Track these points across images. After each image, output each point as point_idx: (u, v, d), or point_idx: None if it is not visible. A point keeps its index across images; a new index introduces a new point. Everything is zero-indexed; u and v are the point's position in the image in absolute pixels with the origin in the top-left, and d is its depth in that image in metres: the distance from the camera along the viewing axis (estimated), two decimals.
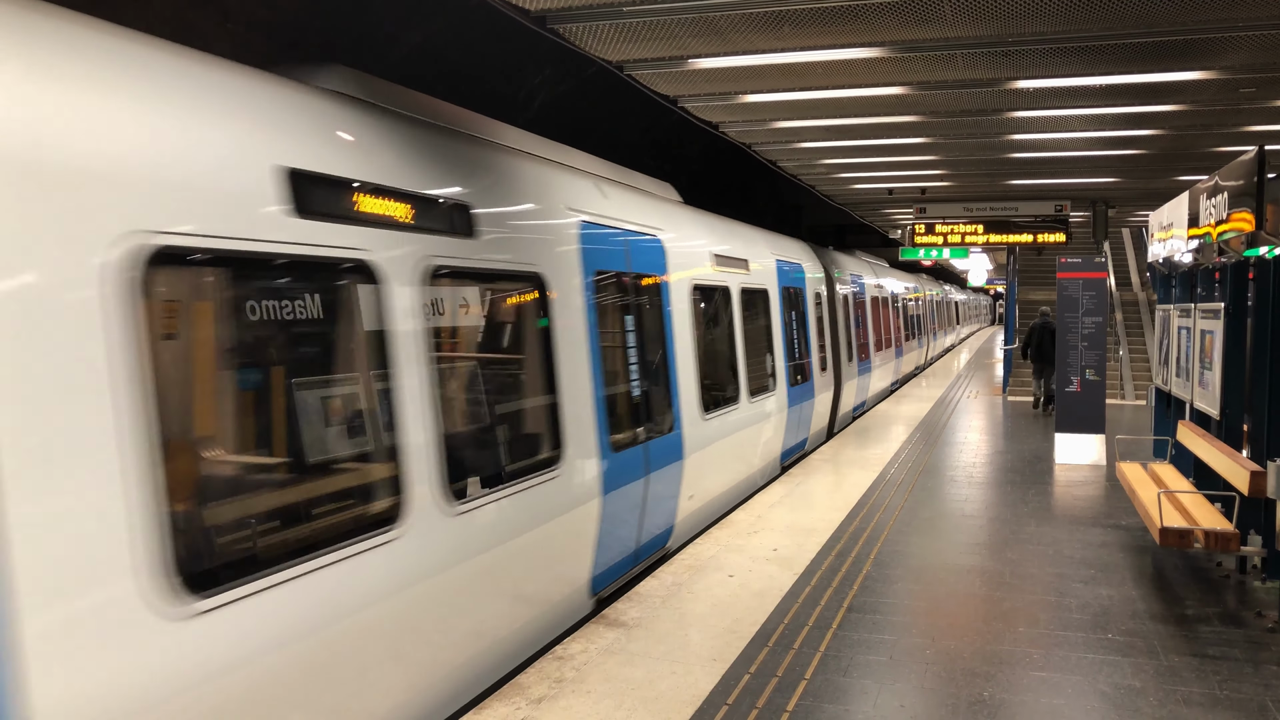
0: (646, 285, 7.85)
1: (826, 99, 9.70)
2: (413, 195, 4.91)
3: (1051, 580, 7.11)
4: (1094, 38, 7.39)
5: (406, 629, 4.53)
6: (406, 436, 4.62)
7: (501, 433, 5.71)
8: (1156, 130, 11.23)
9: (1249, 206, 6.92)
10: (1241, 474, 6.47)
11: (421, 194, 4.99)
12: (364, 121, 4.83)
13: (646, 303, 7.81)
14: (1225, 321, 7.78)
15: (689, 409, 8.39)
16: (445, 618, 4.85)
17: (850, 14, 6.84)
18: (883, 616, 6.31)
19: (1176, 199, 9.90)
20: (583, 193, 7.08)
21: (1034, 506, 9.55)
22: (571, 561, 6.27)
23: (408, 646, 4.55)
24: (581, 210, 6.85)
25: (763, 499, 9.68)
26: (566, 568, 6.21)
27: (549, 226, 6.33)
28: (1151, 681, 5.28)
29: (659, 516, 7.74)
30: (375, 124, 4.91)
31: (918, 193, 17.69)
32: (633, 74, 8.73)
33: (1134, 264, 26.88)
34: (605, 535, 6.72)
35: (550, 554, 5.96)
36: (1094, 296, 12.17)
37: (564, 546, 6.14)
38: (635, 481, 7.16)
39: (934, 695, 5.10)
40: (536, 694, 5.04)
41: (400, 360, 4.65)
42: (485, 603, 5.23)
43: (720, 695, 5.04)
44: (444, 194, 5.21)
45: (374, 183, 4.61)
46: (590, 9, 6.80)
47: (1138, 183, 15.86)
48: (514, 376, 5.95)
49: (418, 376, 4.75)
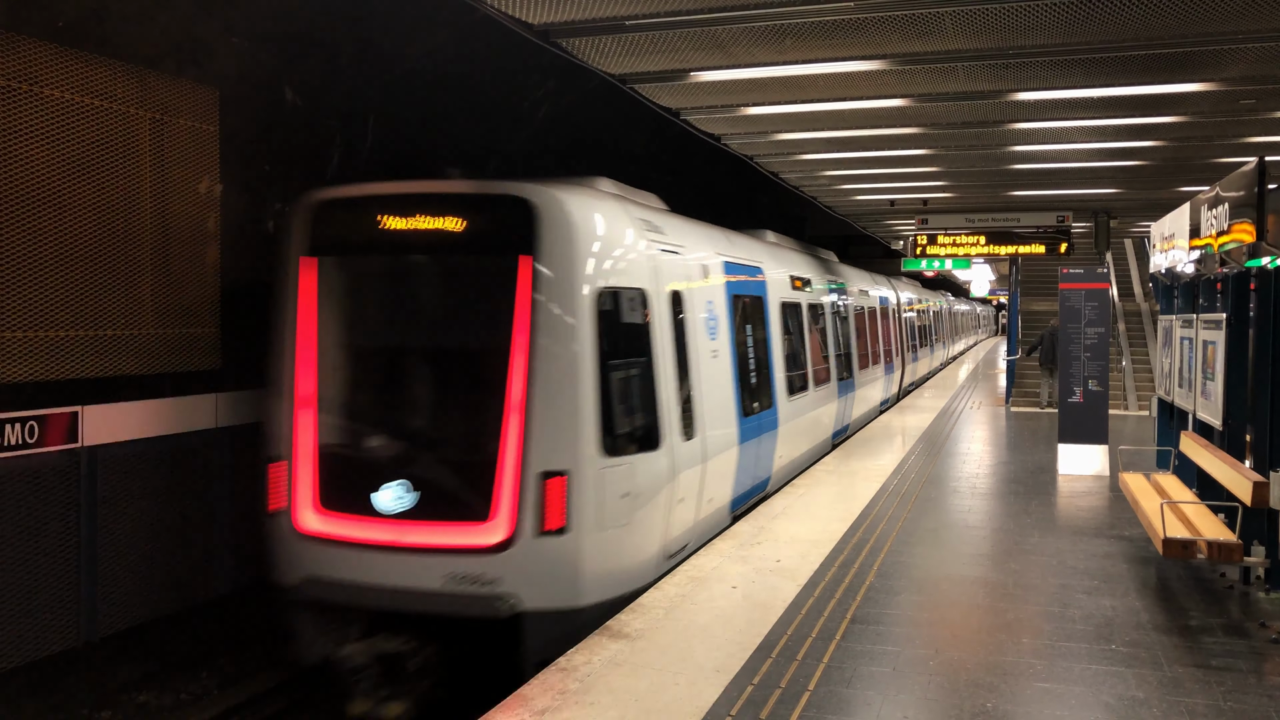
0: (759, 302, 10.72)
1: (828, 111, 9.75)
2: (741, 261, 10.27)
3: (1055, 591, 7.10)
4: (1094, 50, 7.43)
5: (762, 450, 10.13)
6: (775, 371, 10.76)
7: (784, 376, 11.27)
8: (1157, 141, 11.26)
9: (1250, 217, 6.93)
10: (1244, 484, 6.47)
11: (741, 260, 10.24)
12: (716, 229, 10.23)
13: (757, 314, 10.60)
14: (1227, 332, 7.79)
15: (780, 392, 11.03)
16: (763, 452, 10.20)
17: (852, 27, 6.88)
18: (886, 628, 6.31)
19: (1178, 210, 9.92)
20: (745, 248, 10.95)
21: (1037, 517, 9.54)
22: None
23: (757, 459, 9.96)
24: (725, 255, 9.85)
25: (766, 510, 9.69)
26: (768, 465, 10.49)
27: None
28: (1155, 693, 5.28)
29: (756, 472, 10.00)
30: (712, 229, 10.07)
31: (920, 204, 17.72)
32: (635, 87, 8.78)
33: (1136, 274, 26.88)
34: (741, 472, 9.52)
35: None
36: (1096, 307, 12.17)
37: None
38: (749, 444, 9.68)
39: (937, 706, 5.10)
40: (540, 705, 5.04)
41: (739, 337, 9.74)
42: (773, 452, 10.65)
43: (724, 707, 5.04)
44: (750, 259, 10.63)
45: (734, 258, 9.97)
46: (593, 23, 6.85)
47: (1139, 194, 15.89)
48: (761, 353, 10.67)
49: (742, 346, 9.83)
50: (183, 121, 8.11)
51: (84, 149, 7.37)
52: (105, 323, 7.69)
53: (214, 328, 8.80)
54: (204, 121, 8.35)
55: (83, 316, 7.54)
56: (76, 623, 7.58)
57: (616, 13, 6.64)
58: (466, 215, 6.90)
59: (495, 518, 6.49)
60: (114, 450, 7.86)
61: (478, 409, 6.79)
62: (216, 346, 8.83)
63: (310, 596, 6.76)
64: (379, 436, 6.99)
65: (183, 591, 8.71)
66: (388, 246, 7.05)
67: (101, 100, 7.44)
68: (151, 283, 7.98)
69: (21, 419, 6.99)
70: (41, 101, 7.05)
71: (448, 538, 6.55)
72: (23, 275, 7.09)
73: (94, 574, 7.74)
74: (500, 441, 6.52)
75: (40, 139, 7.09)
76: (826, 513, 9.59)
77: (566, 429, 6.53)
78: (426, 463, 6.75)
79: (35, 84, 6.98)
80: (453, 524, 6.57)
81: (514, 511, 6.47)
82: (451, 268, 7.07)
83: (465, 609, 6.52)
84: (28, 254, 7.12)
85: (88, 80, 7.32)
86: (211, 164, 8.47)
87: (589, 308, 6.72)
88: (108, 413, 7.73)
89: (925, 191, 16.36)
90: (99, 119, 7.45)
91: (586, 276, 6.75)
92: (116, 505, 7.95)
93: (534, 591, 6.47)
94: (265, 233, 9.32)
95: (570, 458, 6.51)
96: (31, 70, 6.95)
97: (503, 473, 6.50)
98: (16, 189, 6.97)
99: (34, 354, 7.17)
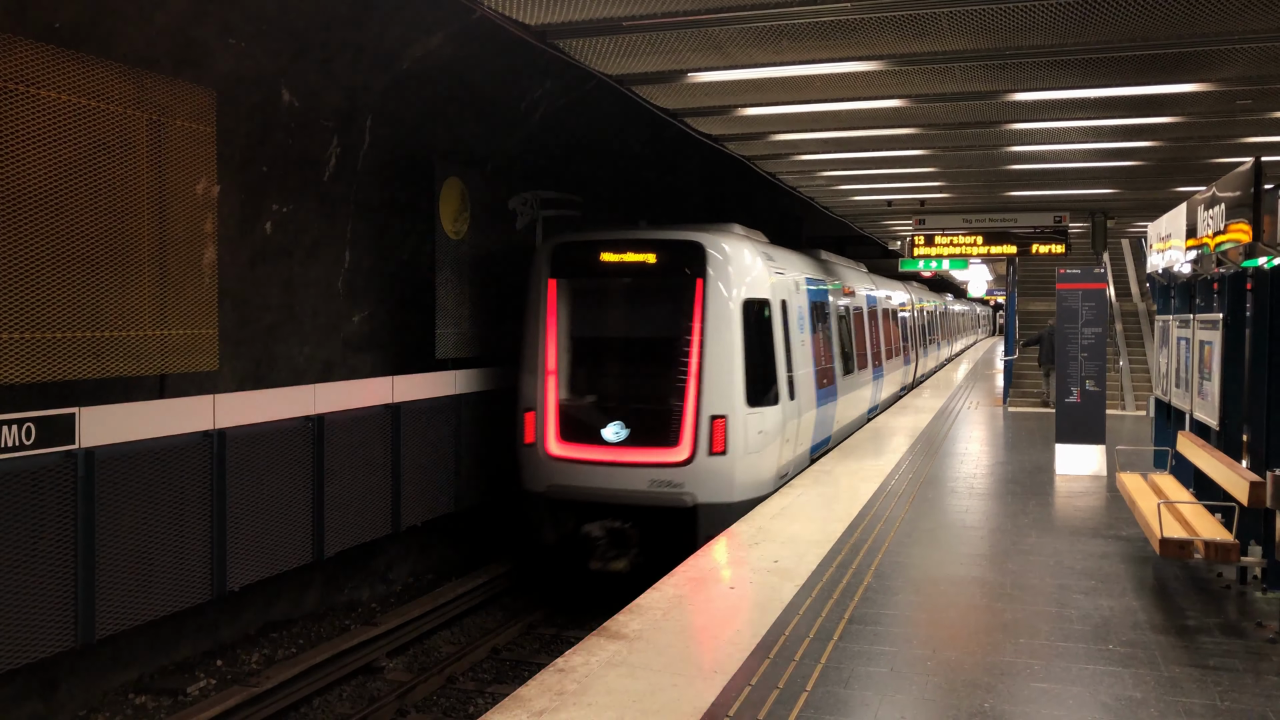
0: (823, 307, 14.09)
1: (825, 112, 9.75)
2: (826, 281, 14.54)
3: (1052, 591, 7.11)
4: (1091, 50, 7.44)
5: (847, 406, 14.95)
6: (835, 359, 14.14)
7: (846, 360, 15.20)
8: (1154, 142, 11.28)
9: (1246, 218, 6.94)
10: (1241, 484, 6.48)
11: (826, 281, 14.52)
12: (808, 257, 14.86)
13: (823, 316, 13.95)
14: (1224, 332, 7.80)
15: (838, 375, 14.38)
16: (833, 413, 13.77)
17: (848, 28, 6.89)
18: (884, 628, 6.31)
19: (1174, 210, 9.92)
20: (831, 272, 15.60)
21: (1034, 517, 9.55)
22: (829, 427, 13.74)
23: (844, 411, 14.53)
24: (810, 279, 13.68)
25: (764, 510, 9.69)
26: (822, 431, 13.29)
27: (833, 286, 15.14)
28: (1153, 693, 5.28)
29: (825, 429, 13.46)
30: (806, 256, 14.75)
31: (917, 204, 17.73)
32: (633, 88, 8.78)
33: (1133, 274, 26.91)
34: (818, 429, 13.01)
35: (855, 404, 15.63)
36: (1094, 307, 12.18)
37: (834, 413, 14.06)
38: (826, 405, 13.30)
39: (935, 707, 5.11)
40: (538, 707, 5.04)
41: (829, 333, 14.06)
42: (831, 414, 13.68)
43: (722, 707, 5.04)
44: (817, 275, 13.96)
45: (810, 275, 13.44)
46: (590, 24, 6.86)
47: (1136, 194, 15.91)
48: (847, 342, 15.20)
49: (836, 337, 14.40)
50: (180, 122, 8.11)
51: (81, 150, 7.37)
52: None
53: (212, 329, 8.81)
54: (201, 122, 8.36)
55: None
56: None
57: (613, 13, 6.64)
58: (659, 252, 10.66)
59: (681, 444, 10.23)
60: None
61: (669, 375, 10.43)
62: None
63: (554, 497, 10.56)
64: (600, 394, 10.80)
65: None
66: (605, 272, 10.81)
67: (99, 102, 7.43)
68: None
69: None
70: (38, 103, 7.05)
71: (650, 457, 10.28)
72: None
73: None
74: (685, 396, 10.28)
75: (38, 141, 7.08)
76: (825, 513, 9.60)
77: (726, 388, 10.25)
78: (636, 410, 10.49)
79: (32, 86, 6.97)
80: (654, 448, 10.28)
81: (693, 440, 10.19)
82: (650, 285, 10.82)
83: (662, 502, 10.18)
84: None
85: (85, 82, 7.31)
86: (209, 165, 8.48)
87: (738, 311, 10.43)
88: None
89: (923, 192, 16.37)
90: (96, 120, 7.45)
91: (736, 291, 10.49)
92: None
93: (705, 491, 10.12)
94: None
95: (728, 406, 10.23)
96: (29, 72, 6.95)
97: (686, 415, 10.24)
98: (13, 191, 6.96)
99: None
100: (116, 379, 7.76)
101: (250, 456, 8.60)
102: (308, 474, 9.26)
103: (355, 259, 10.60)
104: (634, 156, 15.52)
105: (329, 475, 9.51)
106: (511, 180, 12.91)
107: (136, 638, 8.34)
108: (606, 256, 10.75)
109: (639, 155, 15.60)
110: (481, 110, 11.57)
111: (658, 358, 10.54)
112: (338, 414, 9.62)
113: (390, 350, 11.28)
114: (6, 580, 6.68)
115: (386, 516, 10.50)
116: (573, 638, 9.99)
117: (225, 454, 8.30)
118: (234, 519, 8.41)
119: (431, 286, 11.28)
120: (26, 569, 6.81)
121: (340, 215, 10.30)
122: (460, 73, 10.64)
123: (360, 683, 8.90)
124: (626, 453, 10.31)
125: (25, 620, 6.80)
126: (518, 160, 12.99)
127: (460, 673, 9.12)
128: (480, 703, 8.55)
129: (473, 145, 11.98)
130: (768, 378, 10.77)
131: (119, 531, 7.43)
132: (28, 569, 6.82)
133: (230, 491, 8.36)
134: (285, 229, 9.61)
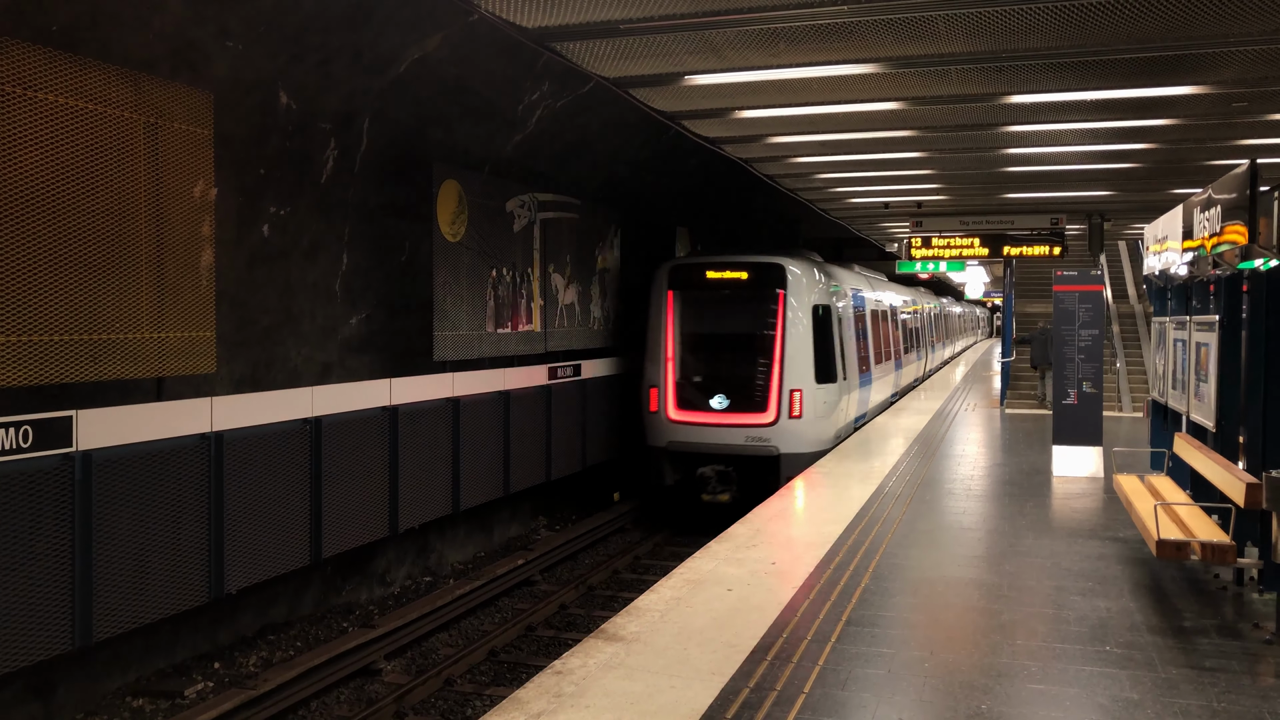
0: (861, 310, 18.01)
1: (822, 114, 9.76)
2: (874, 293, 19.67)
3: (1049, 593, 7.12)
4: (1087, 53, 7.45)
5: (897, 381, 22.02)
6: (869, 351, 18.37)
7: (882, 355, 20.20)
8: (1151, 144, 11.30)
9: (1242, 220, 6.97)
10: (1237, 486, 6.49)
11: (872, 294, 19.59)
12: (862, 273, 20.39)
13: (861, 318, 17.71)
14: (1220, 334, 7.81)
15: (871, 364, 18.29)
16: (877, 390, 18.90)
17: (845, 31, 6.90)
18: (881, 630, 6.32)
19: (1171, 212, 9.95)
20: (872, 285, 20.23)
21: (1032, 519, 9.56)
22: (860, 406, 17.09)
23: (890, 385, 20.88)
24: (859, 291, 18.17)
25: (761, 512, 9.70)
26: (855, 409, 16.52)
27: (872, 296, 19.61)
28: (1149, 694, 5.29)
29: (864, 405, 17.30)
30: (859, 272, 20.19)
31: (914, 207, 17.76)
32: (631, 91, 8.80)
33: (1130, 276, 26.94)
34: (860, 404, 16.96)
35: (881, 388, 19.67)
36: (1091, 309, 12.19)
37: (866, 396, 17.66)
38: (865, 387, 17.36)
39: (932, 709, 5.11)
40: (535, 709, 5.04)
41: (879, 331, 19.55)
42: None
43: (719, 710, 5.05)
44: (856, 285, 18.28)
45: (853, 286, 17.67)
46: (587, 27, 6.87)
47: (1132, 196, 15.94)
48: (882, 341, 20.24)
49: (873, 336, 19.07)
50: (177, 125, 8.11)
51: (78, 153, 7.37)
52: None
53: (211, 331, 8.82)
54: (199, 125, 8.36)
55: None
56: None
57: (610, 16, 6.65)
58: (750, 271, 14.52)
59: (769, 410, 14.00)
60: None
61: (760, 360, 14.26)
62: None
63: (673, 450, 14.38)
64: (706, 375, 14.49)
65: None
66: (710, 285, 14.71)
67: (96, 105, 7.43)
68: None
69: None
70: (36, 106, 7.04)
71: (746, 420, 14.05)
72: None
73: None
74: (770, 375, 14.08)
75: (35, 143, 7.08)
76: (822, 515, 9.60)
77: (801, 369, 14.11)
78: (735, 386, 14.24)
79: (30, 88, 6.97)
80: (748, 414, 14.05)
81: (778, 407, 13.97)
82: (744, 295, 14.57)
83: (755, 452, 13.97)
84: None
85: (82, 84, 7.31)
86: (207, 168, 8.48)
87: (808, 314, 14.32)
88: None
89: (920, 194, 16.40)
90: (93, 123, 7.44)
91: (806, 299, 14.39)
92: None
93: (786, 444, 13.91)
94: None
95: (803, 383, 14.07)
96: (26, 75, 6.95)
97: (772, 389, 14.03)
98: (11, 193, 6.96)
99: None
100: (114, 381, 7.76)
101: (248, 458, 8.60)
102: (305, 476, 9.26)
103: (353, 261, 10.60)
104: (631, 159, 15.54)
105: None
106: (509, 182, 12.91)
107: (134, 640, 8.34)
108: (711, 274, 14.68)
109: (636, 158, 15.62)
110: (479, 112, 11.58)
111: (750, 347, 14.36)
112: (334, 416, 9.64)
113: (388, 352, 11.28)
114: (4, 583, 6.67)
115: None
116: (571, 640, 9.99)
117: (223, 456, 8.30)
118: (231, 521, 8.41)
119: (430, 288, 11.30)
120: (24, 571, 6.80)
121: (338, 217, 10.30)
122: (458, 75, 10.65)
123: (358, 685, 8.89)
124: (728, 417, 14.14)
125: (23, 623, 6.80)
126: (515, 162, 13.00)
127: (458, 675, 9.12)
128: (478, 705, 8.56)
129: (470, 147, 11.99)
130: (828, 363, 14.54)
131: (116, 534, 7.43)
132: (25, 571, 6.81)
133: (228, 494, 8.36)
134: (283, 231, 9.61)
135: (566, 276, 14.47)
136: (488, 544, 13.50)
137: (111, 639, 7.65)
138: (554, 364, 14.11)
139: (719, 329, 14.64)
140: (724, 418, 14.09)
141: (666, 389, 14.39)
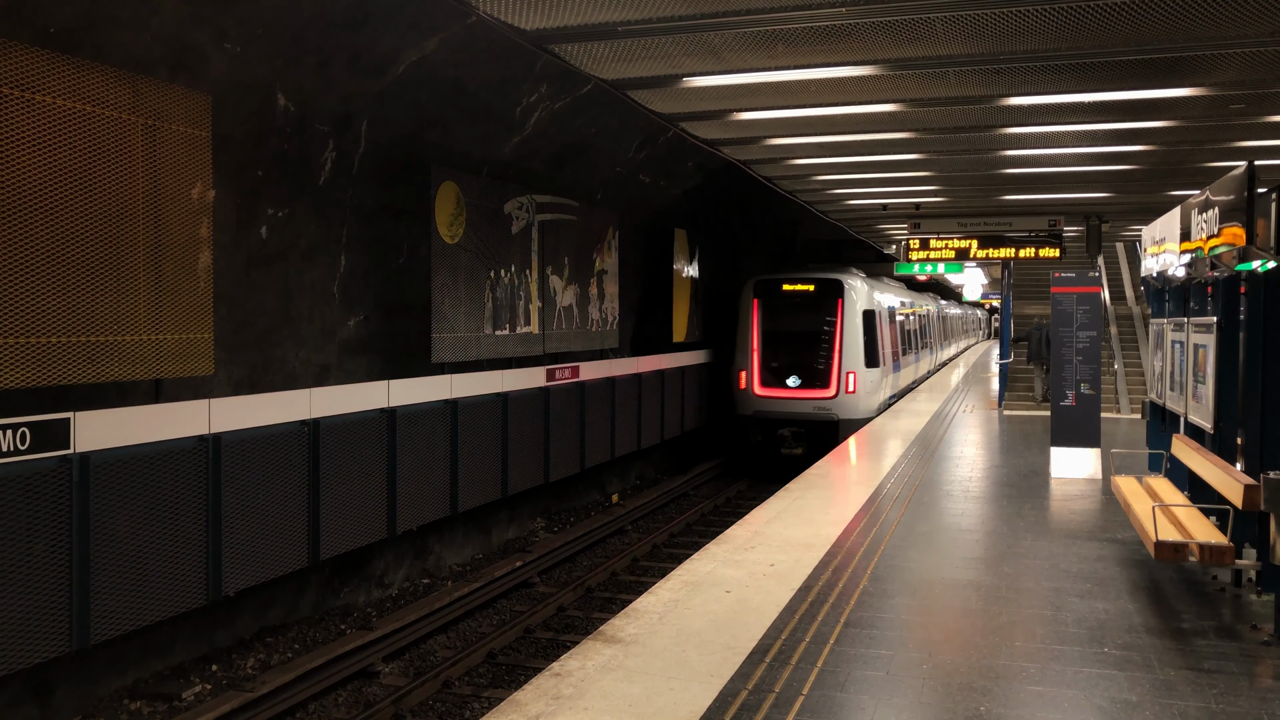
0: (894, 313, 22.73)
1: (820, 116, 9.77)
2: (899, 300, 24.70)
3: (1048, 594, 7.12)
4: (1085, 55, 7.47)
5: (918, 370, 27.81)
6: (899, 346, 23.61)
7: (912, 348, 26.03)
8: (1148, 146, 11.31)
9: (1240, 221, 6.96)
10: (1235, 487, 6.50)
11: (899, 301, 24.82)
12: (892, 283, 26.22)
13: (892, 320, 22.37)
14: (1218, 335, 7.82)
15: (901, 357, 23.07)
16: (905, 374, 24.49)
17: (843, 33, 6.91)
18: (880, 631, 6.32)
19: (1168, 214, 9.94)
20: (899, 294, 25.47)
21: (1030, 521, 9.56)
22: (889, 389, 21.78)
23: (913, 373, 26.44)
24: (890, 300, 23.30)
25: (759, 514, 9.70)
26: (886, 391, 21.18)
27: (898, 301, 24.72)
28: (1148, 695, 5.29)
29: (894, 388, 21.89)
30: (889, 283, 25.61)
31: (912, 208, 17.77)
32: (629, 93, 8.80)
33: (1128, 278, 26.97)
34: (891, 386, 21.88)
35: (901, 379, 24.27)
36: (1088, 311, 12.19)
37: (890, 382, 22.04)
38: (895, 373, 22.28)
39: (931, 710, 5.11)
40: (534, 711, 5.04)
41: (903, 331, 24.59)
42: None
43: (717, 712, 5.04)
44: (886, 293, 23.20)
45: (885, 293, 22.77)
46: (585, 29, 6.87)
47: (1130, 197, 15.96)
48: (911, 340, 26.31)
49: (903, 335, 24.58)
50: (175, 127, 8.11)
51: (77, 154, 7.37)
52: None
53: (208, 333, 8.81)
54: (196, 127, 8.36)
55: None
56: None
57: (608, 18, 6.65)
58: (816, 284, 19.32)
59: (831, 387, 18.76)
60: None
61: (824, 350, 18.93)
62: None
63: (758, 418, 19.07)
64: (783, 361, 19.09)
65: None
66: (786, 295, 19.45)
67: (93, 106, 7.43)
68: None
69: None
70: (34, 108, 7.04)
71: (813, 394, 18.82)
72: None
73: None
74: (831, 361, 18.82)
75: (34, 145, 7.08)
76: (820, 516, 9.60)
77: (854, 357, 18.82)
78: (805, 369, 18.94)
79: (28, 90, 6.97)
80: (815, 390, 18.83)
81: (838, 384, 18.67)
82: (812, 302, 19.23)
83: (820, 418, 18.66)
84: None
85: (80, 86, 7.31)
86: (205, 170, 8.48)
87: (860, 316, 19.13)
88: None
89: (917, 196, 16.41)
90: (91, 125, 7.44)
91: (858, 305, 19.18)
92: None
93: (843, 412, 18.56)
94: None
95: (856, 366, 18.77)
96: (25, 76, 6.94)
97: (833, 371, 18.76)
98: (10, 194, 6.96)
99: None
100: (111, 383, 7.76)
101: (246, 460, 8.59)
102: (303, 478, 9.26)
103: (351, 263, 10.60)
104: (629, 161, 15.55)
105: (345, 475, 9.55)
106: (507, 184, 12.92)
107: (132, 642, 8.33)
108: (786, 286, 19.45)
109: (634, 160, 15.62)
110: (477, 114, 11.58)
111: (817, 341, 19.07)
112: (332, 418, 9.63)
113: (386, 354, 11.28)
114: (2, 585, 6.66)
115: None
116: (569, 642, 9.99)
117: (221, 458, 8.29)
118: (229, 523, 8.40)
119: (428, 290, 11.30)
120: (22, 574, 6.79)
121: (336, 219, 10.29)
122: (456, 77, 10.65)
123: (356, 687, 8.88)
124: (800, 393, 18.90)
125: (21, 625, 6.79)
126: (514, 164, 13.00)
127: (456, 677, 9.11)
128: (476, 707, 8.55)
129: (468, 149, 11.99)
130: (874, 353, 19.33)
131: (114, 536, 7.42)
132: (23, 574, 6.80)
133: (225, 496, 8.35)
134: (281, 233, 9.60)
135: (565, 278, 14.50)
136: (486, 546, 13.53)
137: (109, 641, 7.64)
138: (552, 365, 14.29)
139: (794, 327, 19.23)
140: (796, 393, 18.88)
141: (753, 372, 19.19)
